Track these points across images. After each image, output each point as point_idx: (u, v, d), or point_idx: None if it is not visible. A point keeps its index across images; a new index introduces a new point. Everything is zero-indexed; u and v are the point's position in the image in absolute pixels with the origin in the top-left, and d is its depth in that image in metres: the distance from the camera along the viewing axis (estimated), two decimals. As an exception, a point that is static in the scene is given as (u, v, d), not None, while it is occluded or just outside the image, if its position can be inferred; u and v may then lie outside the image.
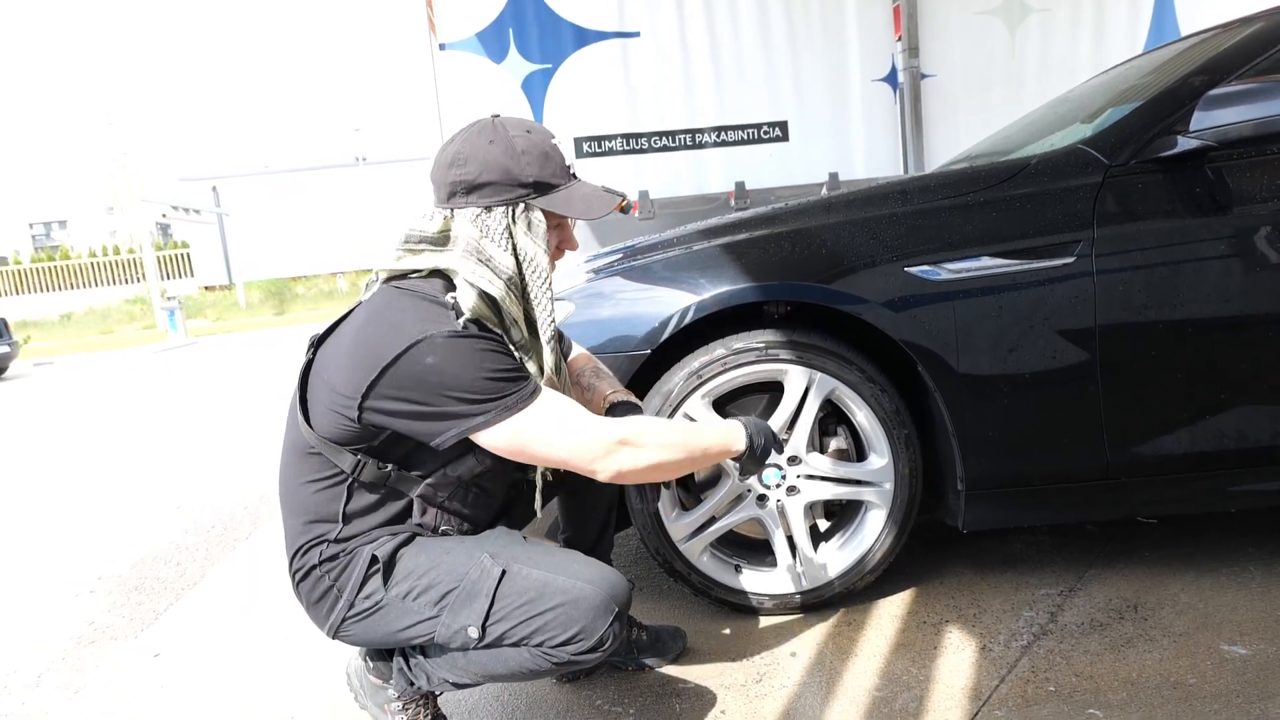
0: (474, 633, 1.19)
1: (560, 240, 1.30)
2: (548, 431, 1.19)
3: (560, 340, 1.38)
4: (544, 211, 1.24)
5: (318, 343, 1.30)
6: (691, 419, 1.68)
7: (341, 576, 1.24)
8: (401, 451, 1.24)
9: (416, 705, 1.37)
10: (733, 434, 1.34)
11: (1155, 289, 1.58)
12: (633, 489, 1.67)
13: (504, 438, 1.18)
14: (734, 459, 1.36)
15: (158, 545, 2.82)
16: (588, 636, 1.17)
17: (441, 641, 1.23)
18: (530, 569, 1.21)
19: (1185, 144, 1.55)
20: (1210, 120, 1.51)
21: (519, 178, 1.21)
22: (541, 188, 1.22)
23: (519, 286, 1.22)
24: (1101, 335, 1.59)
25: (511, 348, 1.22)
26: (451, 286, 1.22)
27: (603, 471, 1.21)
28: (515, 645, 1.19)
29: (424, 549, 1.25)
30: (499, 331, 1.21)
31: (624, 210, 1.31)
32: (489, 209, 1.21)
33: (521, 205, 1.21)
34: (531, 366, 1.25)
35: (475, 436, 1.18)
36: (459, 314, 1.18)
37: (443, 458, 1.25)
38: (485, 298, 1.19)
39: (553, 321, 1.25)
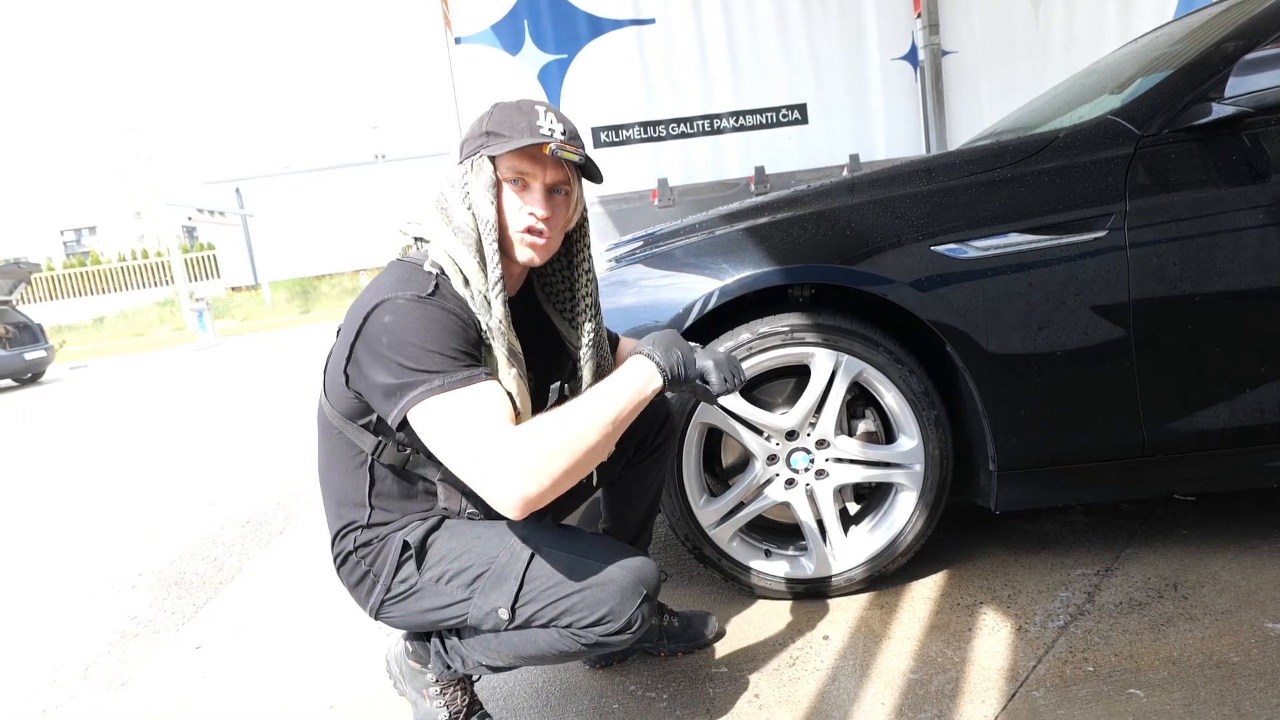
0: (504, 614, 1.21)
1: (524, 201, 1.21)
2: (456, 432, 1.08)
3: (590, 331, 1.35)
4: (492, 159, 1.19)
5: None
6: (720, 406, 1.67)
7: (377, 562, 1.28)
8: (413, 433, 1.25)
9: (454, 689, 1.39)
10: (641, 376, 1.17)
11: (1191, 261, 1.55)
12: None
13: (421, 424, 1.11)
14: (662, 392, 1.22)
15: (195, 541, 2.88)
16: (616, 618, 1.18)
17: (474, 623, 1.25)
18: (559, 552, 1.23)
19: (1220, 111, 1.51)
20: (1246, 86, 1.47)
21: (480, 130, 1.22)
22: (492, 135, 1.20)
23: (472, 238, 1.18)
24: (1136, 310, 1.56)
25: (477, 332, 1.18)
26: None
27: (510, 509, 1.06)
28: (545, 626, 1.21)
29: (455, 533, 1.27)
30: (463, 299, 1.18)
31: (553, 152, 1.16)
32: (459, 164, 1.24)
33: (477, 154, 1.20)
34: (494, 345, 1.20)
35: (409, 419, 1.12)
36: (439, 282, 1.18)
37: None
38: (442, 249, 1.20)
39: (499, 281, 1.17)
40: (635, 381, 1.17)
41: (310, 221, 25.08)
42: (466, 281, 1.18)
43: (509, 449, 1.06)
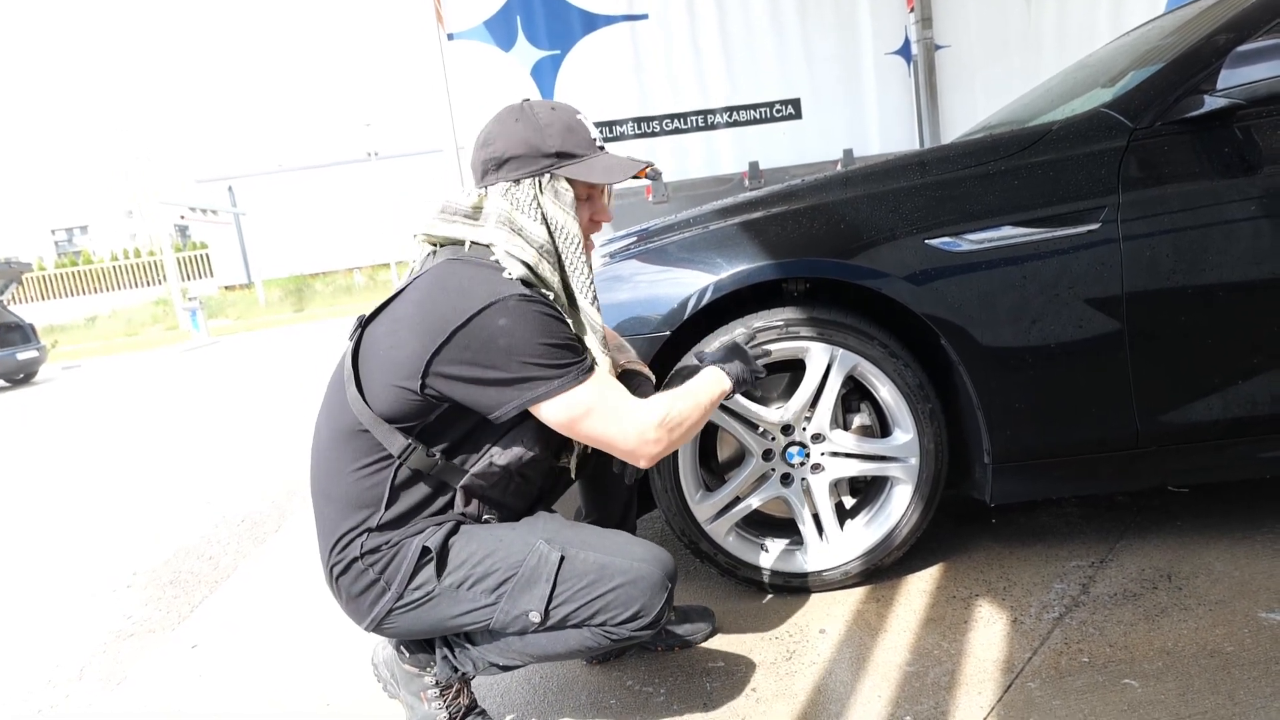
0: (535, 617, 1.21)
1: (592, 212, 1.34)
2: (601, 410, 1.22)
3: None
4: (570, 180, 1.27)
5: (366, 322, 1.31)
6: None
7: (389, 568, 1.24)
8: (452, 436, 1.25)
9: (453, 690, 1.38)
10: (718, 381, 1.38)
11: (1184, 253, 1.55)
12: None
13: (562, 410, 1.21)
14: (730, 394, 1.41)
15: (190, 540, 2.87)
16: (647, 613, 1.22)
17: (497, 628, 1.25)
18: (587, 552, 1.24)
19: (1213, 103, 1.51)
20: (1238, 78, 1.48)
21: (543, 149, 1.25)
22: (565, 157, 1.26)
23: (553, 254, 1.26)
24: (1129, 302, 1.56)
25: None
26: None
27: (645, 458, 1.25)
28: (577, 626, 1.23)
29: (473, 537, 1.26)
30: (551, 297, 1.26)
31: (651, 178, 1.35)
32: (517, 181, 1.25)
33: (547, 176, 1.25)
34: (585, 339, 1.29)
35: (536, 409, 1.21)
36: (524, 281, 1.22)
37: (489, 444, 1.26)
38: (524, 266, 1.23)
39: (591, 285, 1.28)
40: (715, 385, 1.37)
41: (303, 219, 24.94)
42: (548, 287, 1.25)
43: (649, 419, 1.24)
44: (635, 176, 1.33)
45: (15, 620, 2.34)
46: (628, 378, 1.42)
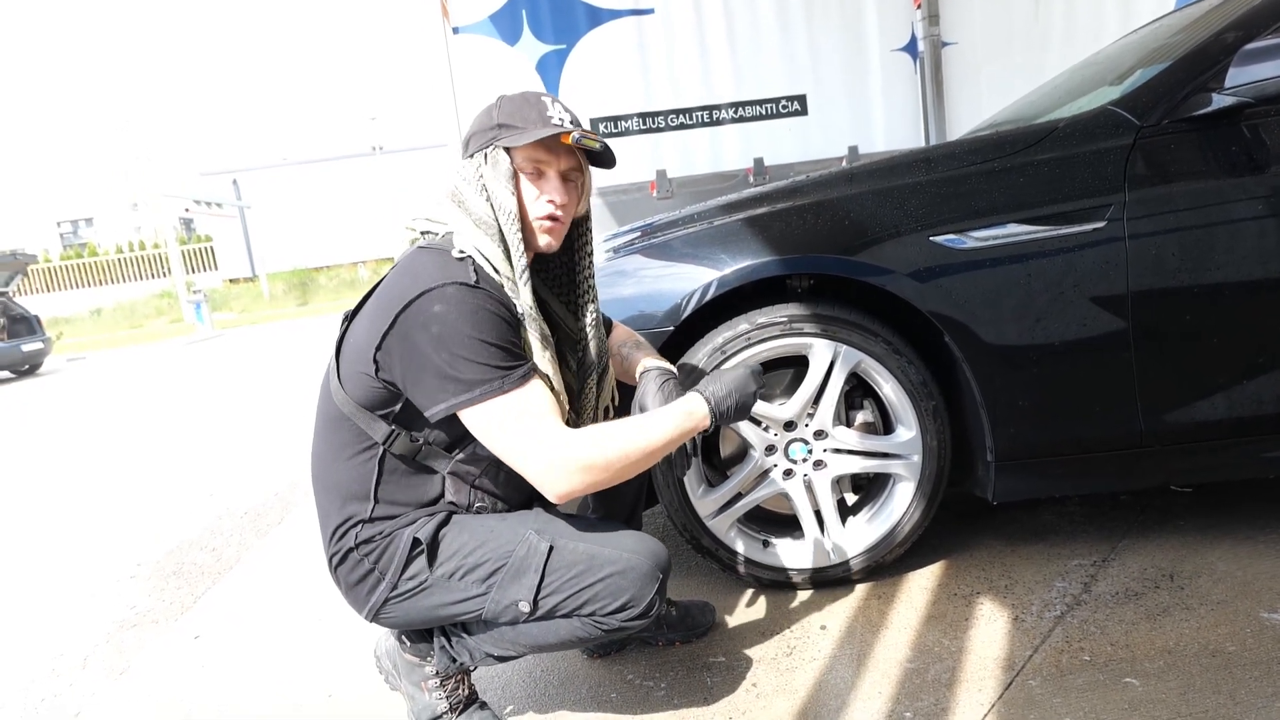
0: (525, 607, 1.22)
1: (541, 190, 1.25)
2: (517, 428, 1.16)
3: (592, 313, 1.37)
4: (508, 150, 1.23)
5: (351, 316, 1.32)
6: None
7: (382, 559, 1.25)
8: (429, 423, 1.25)
9: (453, 681, 1.39)
10: (694, 413, 1.26)
11: (1190, 252, 1.54)
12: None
13: (479, 420, 1.17)
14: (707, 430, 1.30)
15: (193, 532, 2.88)
16: (637, 603, 1.21)
17: (489, 617, 1.25)
18: (576, 542, 1.24)
19: (1221, 101, 1.51)
20: (1247, 76, 1.47)
21: (490, 123, 1.25)
22: (505, 128, 1.23)
23: (495, 230, 1.22)
24: (1134, 301, 1.56)
25: (517, 320, 1.22)
26: None
27: (554, 495, 1.18)
28: (566, 616, 1.23)
29: (465, 528, 1.27)
30: (499, 284, 1.21)
31: (577, 143, 1.22)
32: (471, 156, 1.26)
33: (491, 146, 1.24)
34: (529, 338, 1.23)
35: (461, 414, 1.18)
36: (476, 269, 1.20)
37: (470, 436, 1.26)
38: (471, 243, 1.22)
39: (523, 256, 1.22)
40: (686, 419, 1.26)
41: (308, 213, 24.93)
42: (496, 270, 1.22)
43: (565, 452, 1.16)
44: (583, 147, 1.24)
45: (20, 610, 2.35)
46: (644, 376, 1.41)
